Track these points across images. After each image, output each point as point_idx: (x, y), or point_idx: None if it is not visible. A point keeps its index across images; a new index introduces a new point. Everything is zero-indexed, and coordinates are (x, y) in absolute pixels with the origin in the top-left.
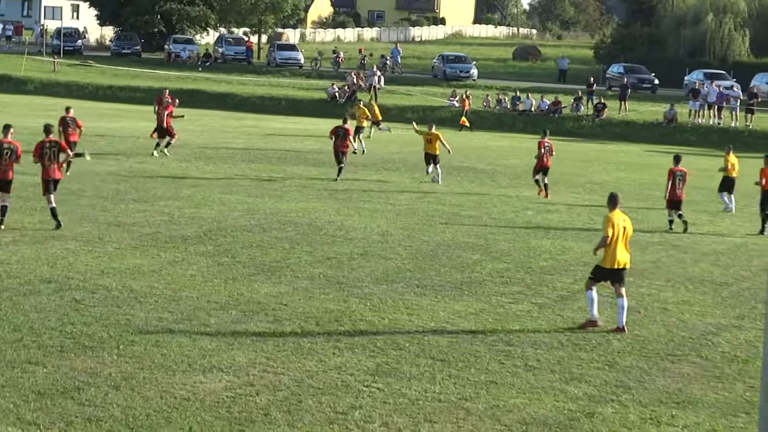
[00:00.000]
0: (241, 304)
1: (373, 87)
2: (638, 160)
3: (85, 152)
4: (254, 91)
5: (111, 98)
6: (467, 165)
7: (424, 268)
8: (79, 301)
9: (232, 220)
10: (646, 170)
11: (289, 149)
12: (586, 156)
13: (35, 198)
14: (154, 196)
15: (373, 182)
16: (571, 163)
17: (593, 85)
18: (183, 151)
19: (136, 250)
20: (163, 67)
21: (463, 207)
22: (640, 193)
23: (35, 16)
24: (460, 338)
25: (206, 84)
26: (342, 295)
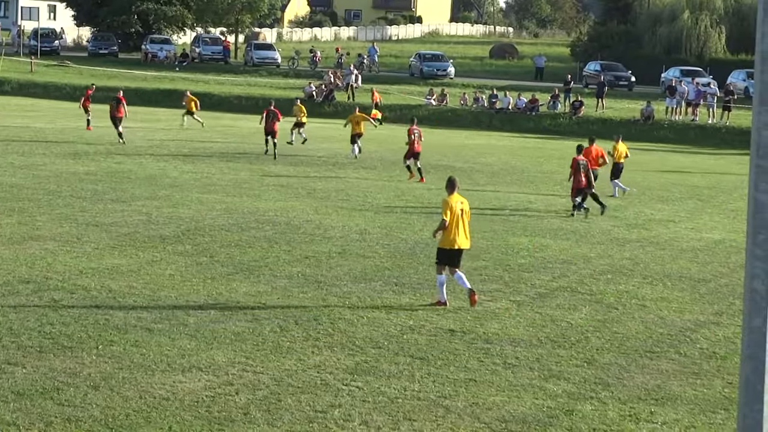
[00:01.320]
0: (220, 304)
1: (350, 86)
2: None
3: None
4: (231, 90)
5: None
6: (445, 163)
7: (402, 267)
8: (57, 301)
9: (211, 220)
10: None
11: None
12: (563, 154)
13: (13, 199)
14: (132, 195)
15: (352, 181)
16: (548, 161)
17: (570, 83)
18: (160, 150)
19: (115, 250)
20: (140, 67)
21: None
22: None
23: (12, 17)
24: (438, 336)
25: (183, 84)
26: (321, 293)
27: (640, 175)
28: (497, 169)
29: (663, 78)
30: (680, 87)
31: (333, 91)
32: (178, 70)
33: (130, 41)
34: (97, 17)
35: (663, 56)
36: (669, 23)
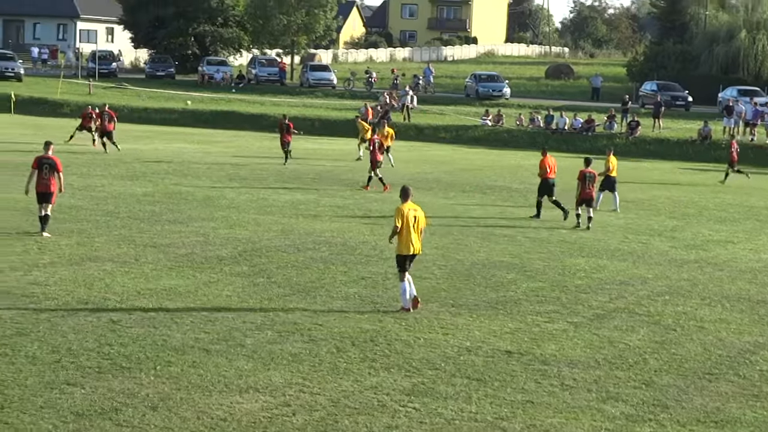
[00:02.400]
0: (277, 324)
1: (405, 107)
2: (672, 178)
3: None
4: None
5: (145, 120)
6: (501, 184)
7: (458, 288)
8: (116, 322)
9: (267, 241)
10: (681, 188)
11: (322, 170)
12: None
13: (71, 220)
14: (189, 217)
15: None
16: None
17: (627, 103)
18: (217, 172)
19: (172, 271)
20: (196, 89)
21: (498, 226)
22: (674, 211)
23: (70, 40)
24: (495, 357)
25: (240, 105)
26: (377, 314)
27: (697, 195)
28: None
29: (720, 98)
30: (738, 107)
31: (389, 112)
32: (235, 91)
33: (186, 63)
34: (155, 39)
35: (720, 76)
36: (726, 43)
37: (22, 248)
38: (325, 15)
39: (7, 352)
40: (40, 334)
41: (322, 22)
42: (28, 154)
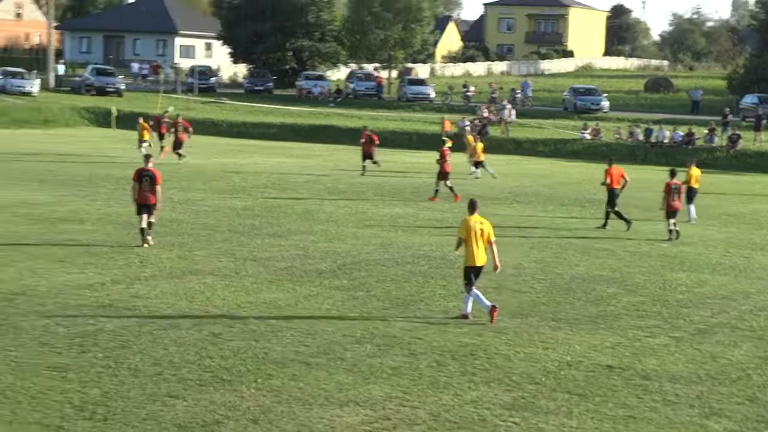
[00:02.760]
0: (377, 338)
1: (503, 120)
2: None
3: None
4: (385, 126)
5: (244, 135)
6: (600, 198)
7: (558, 302)
8: (217, 335)
9: (366, 254)
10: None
11: (420, 184)
12: (720, 188)
13: (172, 233)
14: (289, 230)
15: (506, 216)
16: (706, 196)
17: (727, 116)
18: (316, 185)
19: (272, 285)
20: (294, 104)
21: (597, 240)
22: None
23: (169, 56)
24: (596, 372)
25: (337, 119)
26: (477, 328)
27: None
28: (652, 203)
29: None
30: None
31: (486, 126)
32: (332, 105)
33: (285, 78)
34: (253, 54)
35: None
36: None
37: (124, 261)
38: (422, 29)
39: (110, 365)
40: (142, 347)
41: (419, 37)
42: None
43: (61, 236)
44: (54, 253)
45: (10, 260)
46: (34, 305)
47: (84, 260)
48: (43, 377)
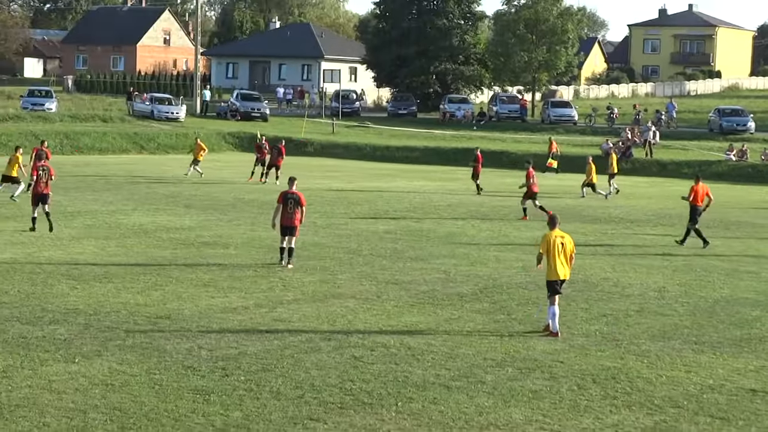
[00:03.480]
0: (517, 361)
1: (648, 142)
2: None
3: None
4: (529, 148)
5: (388, 158)
6: (745, 220)
7: (701, 325)
8: (358, 358)
9: (508, 278)
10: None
11: (563, 206)
12: None
13: (315, 257)
14: (431, 254)
15: (649, 237)
16: None
17: None
18: (458, 209)
19: (414, 308)
20: (438, 127)
21: (742, 262)
22: None
23: (314, 80)
24: (739, 396)
25: (480, 142)
26: (618, 351)
27: None
28: None
29: None
30: None
31: (630, 148)
32: (476, 128)
33: (428, 101)
34: (397, 78)
35: None
36: None
37: (267, 285)
38: (567, 51)
39: (252, 387)
40: (284, 370)
41: (564, 59)
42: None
43: (205, 260)
44: (198, 277)
45: (155, 284)
46: (179, 328)
47: (228, 284)
48: (186, 400)
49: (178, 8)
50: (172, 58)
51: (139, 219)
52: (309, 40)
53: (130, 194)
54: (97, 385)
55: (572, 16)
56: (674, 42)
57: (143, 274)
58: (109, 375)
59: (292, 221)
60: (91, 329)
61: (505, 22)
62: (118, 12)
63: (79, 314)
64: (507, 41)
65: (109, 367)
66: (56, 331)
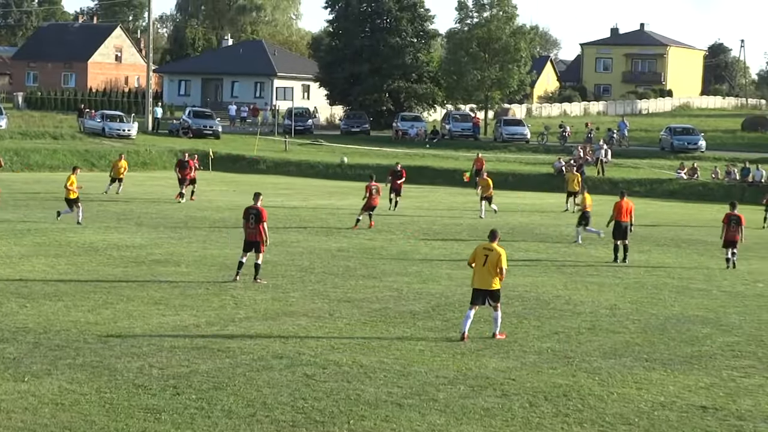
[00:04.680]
0: (470, 379)
1: (599, 160)
2: None
3: None
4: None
5: (340, 176)
6: (696, 237)
7: (653, 342)
8: (310, 376)
9: (460, 295)
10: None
11: (516, 224)
12: None
13: (267, 275)
14: (383, 272)
15: (600, 257)
16: None
17: None
18: (410, 226)
19: (366, 326)
20: (391, 145)
21: (693, 280)
22: None
23: (267, 98)
24: (690, 413)
25: (433, 160)
26: (570, 369)
27: None
28: (750, 243)
29: None
30: None
31: (583, 166)
32: (429, 146)
33: (381, 119)
34: (350, 96)
35: None
36: None
37: (218, 303)
38: (519, 70)
39: (203, 406)
40: (235, 388)
41: (516, 77)
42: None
43: (156, 278)
44: (149, 295)
45: (106, 302)
46: (129, 347)
47: (179, 302)
48: (137, 419)
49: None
50: (124, 75)
51: (89, 237)
52: (262, 58)
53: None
54: (47, 404)
55: (525, 35)
56: (626, 61)
57: (94, 293)
58: (59, 394)
59: (254, 236)
60: (41, 348)
61: (458, 41)
62: (69, 28)
63: (28, 333)
64: (460, 59)
65: (59, 386)
66: (5, 349)
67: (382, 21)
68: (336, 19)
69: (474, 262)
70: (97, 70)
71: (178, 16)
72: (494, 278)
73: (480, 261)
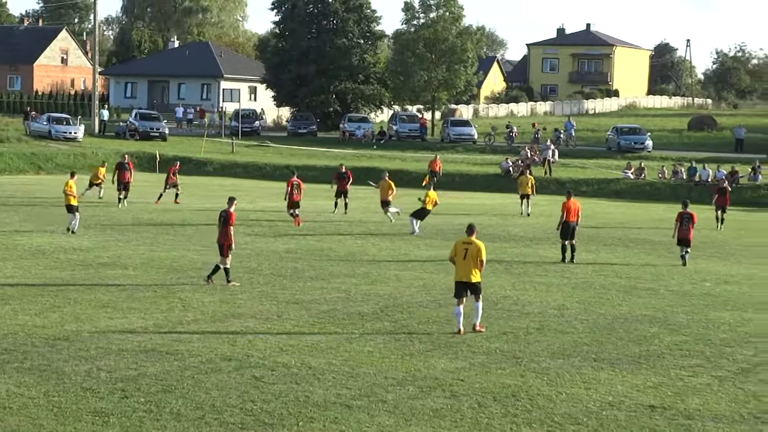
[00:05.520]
0: (418, 380)
1: (547, 161)
2: None
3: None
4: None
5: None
6: (643, 237)
7: (601, 342)
8: (258, 378)
9: (408, 297)
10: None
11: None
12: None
13: (215, 277)
14: (331, 273)
15: (549, 257)
16: (749, 234)
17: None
18: (359, 228)
19: (314, 327)
20: (338, 146)
21: (640, 279)
22: None
23: (214, 100)
24: (638, 412)
25: (381, 161)
26: (519, 369)
27: None
28: (697, 242)
29: None
30: None
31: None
32: (376, 148)
33: (328, 120)
34: (297, 98)
35: None
36: None
37: (167, 306)
38: (466, 70)
39: (152, 409)
40: (184, 391)
41: (463, 78)
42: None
43: (104, 281)
44: (97, 298)
45: (53, 306)
46: (77, 350)
47: (127, 305)
48: (85, 422)
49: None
50: (70, 77)
51: (36, 240)
52: (208, 60)
53: (28, 215)
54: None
55: (471, 36)
56: (572, 61)
57: (41, 296)
58: (7, 398)
59: (221, 239)
60: None
61: (405, 42)
62: (14, 31)
63: None
64: (406, 60)
65: (6, 390)
66: None
67: (328, 22)
68: (282, 20)
69: (455, 257)
70: (43, 73)
71: (124, 19)
72: (475, 270)
73: (460, 255)
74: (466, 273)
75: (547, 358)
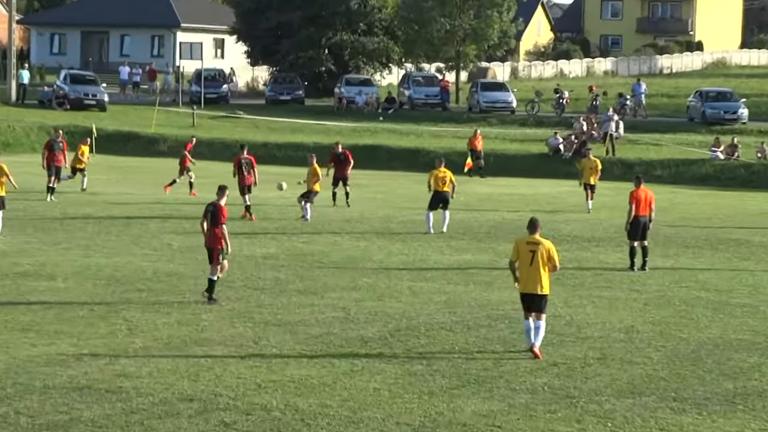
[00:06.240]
0: (441, 427)
1: (609, 136)
2: None
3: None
4: (452, 145)
5: (267, 159)
6: (737, 237)
7: (683, 376)
8: (229, 425)
9: (427, 316)
10: None
11: (500, 220)
12: None
13: (171, 291)
14: (325, 285)
15: (612, 263)
16: None
17: None
18: (361, 226)
19: (303, 358)
20: (333, 117)
21: (734, 293)
22: None
23: (168, 57)
24: None
25: (389, 138)
26: (574, 413)
27: None
28: None
29: None
30: None
31: (586, 144)
32: (383, 119)
33: (319, 83)
34: (277, 54)
35: None
36: None
37: (107, 329)
38: (501, 17)
39: None
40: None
41: (497, 27)
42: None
43: (24, 297)
44: (15, 318)
45: None
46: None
47: (55, 328)
48: None
49: None
50: None
51: None
52: (160, 4)
53: None
54: None
55: None
56: (641, 4)
57: None
58: None
59: (209, 241)
60: None
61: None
62: None
63: None
64: (422, 4)
65: None
66: None
67: None
68: None
69: (518, 261)
70: None
71: None
72: (544, 279)
73: (526, 259)
74: (534, 283)
75: (611, 397)
